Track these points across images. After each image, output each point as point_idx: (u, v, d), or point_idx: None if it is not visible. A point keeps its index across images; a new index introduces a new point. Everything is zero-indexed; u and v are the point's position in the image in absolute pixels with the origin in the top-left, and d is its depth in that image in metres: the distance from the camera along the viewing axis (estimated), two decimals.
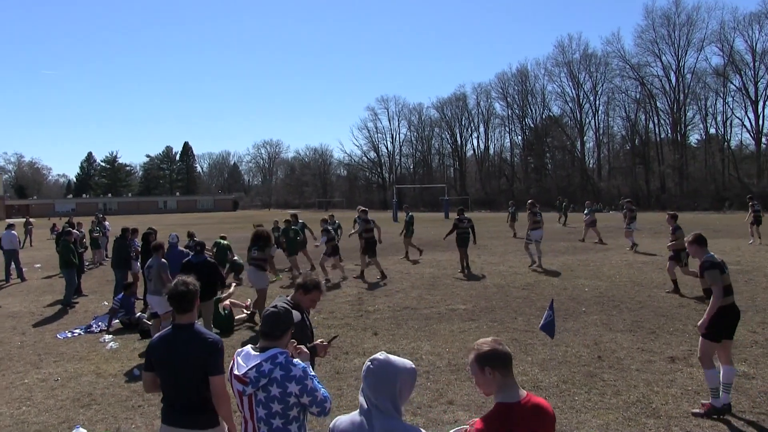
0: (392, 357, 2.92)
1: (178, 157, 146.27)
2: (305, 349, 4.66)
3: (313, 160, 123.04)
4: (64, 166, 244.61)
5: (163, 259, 10.76)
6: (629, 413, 6.60)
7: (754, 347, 9.14)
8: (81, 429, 6.57)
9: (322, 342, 4.93)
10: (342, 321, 11.87)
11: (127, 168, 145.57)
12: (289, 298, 5.04)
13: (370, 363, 2.88)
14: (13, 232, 20.54)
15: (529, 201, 20.40)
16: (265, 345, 3.65)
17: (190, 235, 17.73)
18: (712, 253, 7.02)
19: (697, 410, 6.58)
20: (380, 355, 2.92)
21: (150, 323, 11.46)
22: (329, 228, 17.57)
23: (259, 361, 3.52)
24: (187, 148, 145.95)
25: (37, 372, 9.29)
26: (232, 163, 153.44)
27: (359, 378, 8.08)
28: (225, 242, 17.82)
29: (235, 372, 3.55)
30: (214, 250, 17.14)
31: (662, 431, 6.15)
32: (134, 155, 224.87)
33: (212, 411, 4.20)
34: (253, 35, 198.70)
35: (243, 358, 3.60)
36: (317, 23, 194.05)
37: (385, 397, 2.82)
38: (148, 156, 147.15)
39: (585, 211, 28.99)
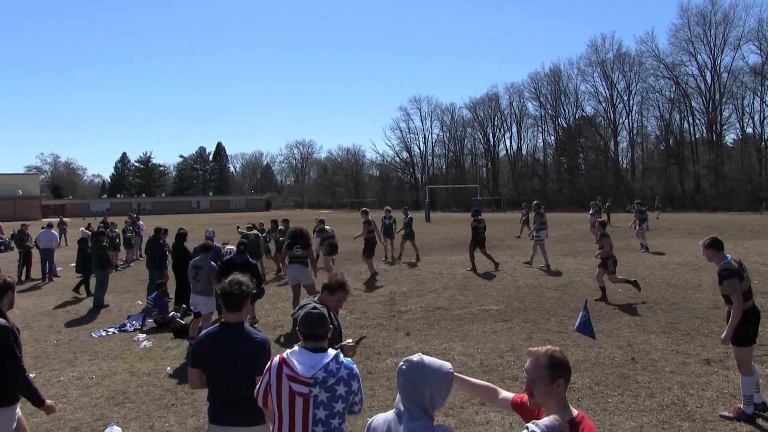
0: (427, 359, 2.79)
1: (211, 158, 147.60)
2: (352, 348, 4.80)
3: (345, 160, 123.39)
4: (99, 167, 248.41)
5: (212, 262, 10.90)
6: (663, 416, 6.57)
7: None
8: (115, 427, 6.67)
9: (350, 342, 5.00)
10: (374, 321, 11.93)
11: (161, 168, 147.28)
12: (315, 299, 5.13)
13: (403, 364, 2.79)
14: (52, 231, 20.80)
15: (535, 202, 20.87)
16: (315, 345, 3.63)
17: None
18: (729, 258, 6.82)
19: (727, 413, 6.53)
20: (415, 357, 2.80)
21: (183, 322, 11.66)
22: (325, 228, 17.42)
23: (327, 361, 3.51)
24: (220, 148, 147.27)
25: (73, 370, 9.45)
26: (264, 163, 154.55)
27: (391, 378, 8.18)
28: (253, 233, 18.29)
29: (299, 373, 3.47)
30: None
31: None
32: (168, 155, 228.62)
33: (258, 408, 4.11)
34: (286, 36, 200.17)
35: (301, 359, 3.54)
36: (350, 23, 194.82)
37: (415, 400, 2.71)
38: (181, 156, 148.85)
39: (590, 212, 29.12)
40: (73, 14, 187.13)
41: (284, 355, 3.62)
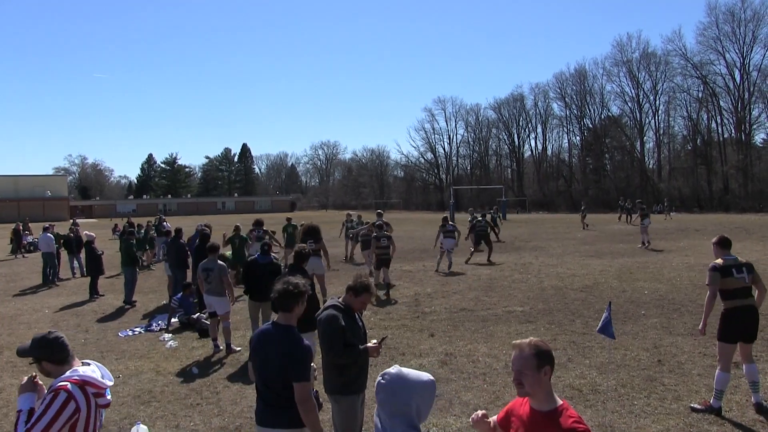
0: (406, 370, 2.69)
1: (236, 159, 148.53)
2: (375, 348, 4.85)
3: (370, 161, 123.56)
4: (126, 168, 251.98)
5: (221, 262, 10.94)
6: (691, 419, 6.52)
7: None
8: (141, 425, 6.65)
9: (374, 343, 5.04)
10: (398, 322, 11.95)
11: (187, 169, 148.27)
12: (340, 299, 5.15)
13: (381, 377, 2.69)
14: (49, 234, 20.64)
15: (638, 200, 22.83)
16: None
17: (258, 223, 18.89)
18: (734, 256, 7.09)
19: (696, 405, 6.79)
20: (392, 369, 2.69)
21: (208, 323, 11.68)
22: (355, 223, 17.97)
23: None
24: (245, 149, 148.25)
25: None
26: (289, 164, 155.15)
27: None
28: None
29: None
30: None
31: None
32: (193, 157, 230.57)
33: (296, 410, 4.12)
34: (311, 37, 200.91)
35: None
36: (374, 24, 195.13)
37: (400, 414, 2.61)
38: (207, 157, 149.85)
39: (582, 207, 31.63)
40: (90, 17, 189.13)
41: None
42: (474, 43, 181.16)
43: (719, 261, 7.04)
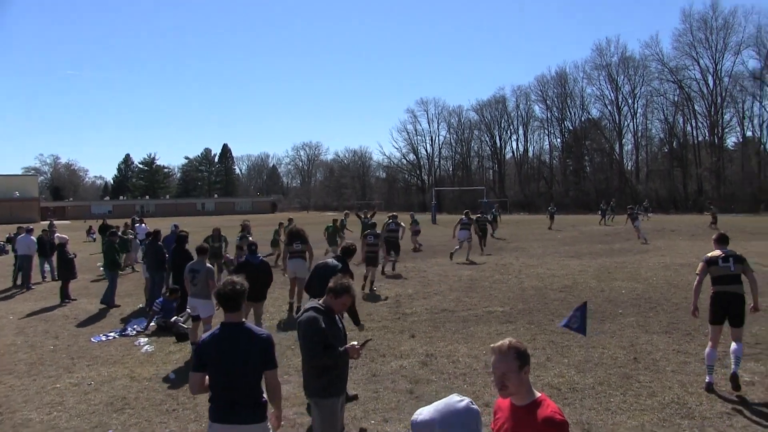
0: (426, 410, 2.52)
1: (216, 159, 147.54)
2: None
3: (352, 162, 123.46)
4: (102, 168, 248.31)
5: (209, 265, 10.88)
6: (664, 414, 6.72)
7: None
8: None
9: (355, 345, 5.07)
10: (379, 323, 12.01)
11: (165, 170, 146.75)
12: (321, 302, 5.16)
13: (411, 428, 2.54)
14: (30, 237, 19.73)
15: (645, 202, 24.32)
16: None
17: (244, 228, 18.66)
18: (730, 251, 7.90)
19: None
20: (418, 416, 2.52)
21: (186, 327, 11.48)
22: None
23: None
24: (225, 150, 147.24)
25: (70, 376, 9.17)
26: (270, 165, 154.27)
27: (396, 380, 8.33)
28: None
29: None
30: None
31: None
32: (172, 157, 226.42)
33: (263, 405, 4.39)
34: (292, 37, 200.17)
35: None
36: (356, 24, 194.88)
37: None
38: (186, 158, 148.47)
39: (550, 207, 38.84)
40: (71, 13, 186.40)
41: None
42: (457, 45, 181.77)
43: (710, 254, 7.94)
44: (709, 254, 7.95)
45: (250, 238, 15.90)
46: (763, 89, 69.48)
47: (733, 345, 7.57)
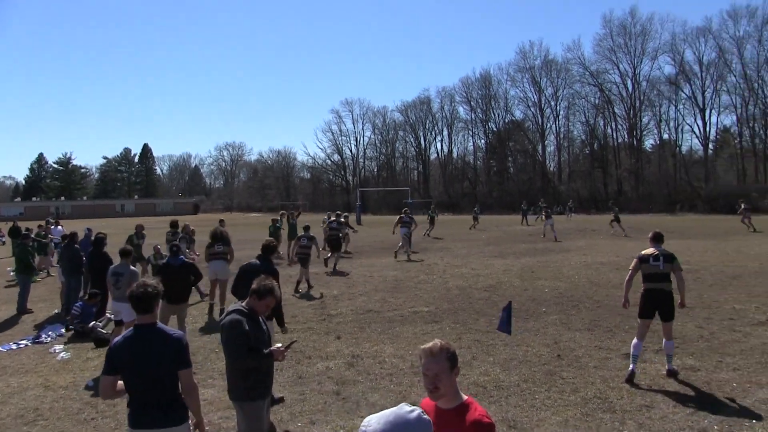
0: (382, 420, 2.38)
1: (137, 159, 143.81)
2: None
3: (276, 162, 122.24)
4: (12, 168, 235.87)
5: (133, 268, 10.53)
6: (587, 409, 6.82)
7: (700, 341, 9.64)
8: None
9: (279, 347, 4.99)
10: (304, 325, 11.86)
11: (83, 170, 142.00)
12: (243, 304, 5.08)
13: None
14: None
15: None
16: None
17: (173, 225, 18.32)
18: (662, 248, 8.40)
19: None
20: (366, 427, 2.38)
21: (105, 332, 11.15)
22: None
23: None
24: (146, 149, 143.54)
25: None
26: (193, 165, 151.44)
27: (322, 383, 8.20)
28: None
29: None
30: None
31: (617, 425, 6.38)
32: (90, 157, 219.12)
33: (182, 407, 4.33)
34: (215, 33, 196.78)
35: None
36: (281, 23, 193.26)
37: None
38: (105, 158, 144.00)
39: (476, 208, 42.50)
40: None
41: None
42: (382, 46, 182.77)
43: (644, 251, 8.39)
44: (643, 252, 8.37)
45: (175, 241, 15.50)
46: (678, 94, 72.66)
47: (665, 342, 8.07)
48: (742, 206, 32.48)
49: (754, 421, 6.37)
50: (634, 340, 8.09)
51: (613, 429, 6.29)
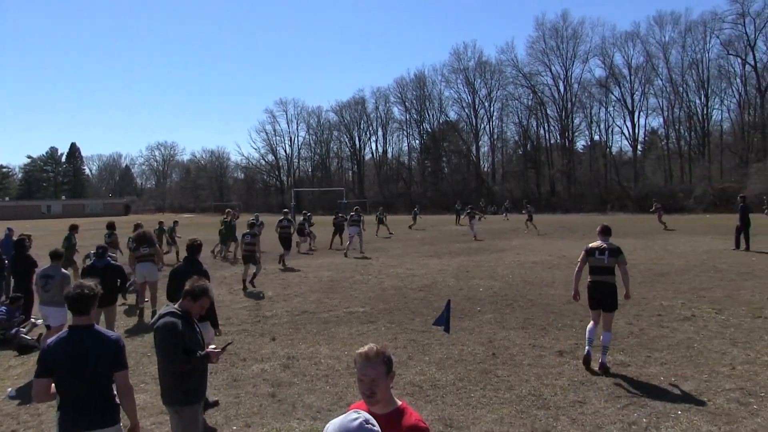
0: (330, 428, 2.42)
1: (64, 159, 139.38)
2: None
3: (209, 162, 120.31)
4: None
5: (64, 270, 10.16)
6: (521, 406, 6.89)
7: (630, 337, 9.87)
8: None
9: (215, 349, 4.90)
10: (239, 327, 11.67)
11: (5, 170, 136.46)
12: (176, 306, 5.00)
13: None
14: None
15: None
16: None
17: (110, 226, 17.74)
18: (609, 242, 8.68)
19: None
20: None
21: (29, 338, 10.74)
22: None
23: None
24: (74, 149, 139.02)
25: None
26: (123, 165, 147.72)
27: (257, 385, 8.06)
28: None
29: None
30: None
31: (551, 421, 6.46)
32: (13, 156, 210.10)
33: (115, 408, 4.29)
34: (146, 30, 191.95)
35: None
36: (215, 21, 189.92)
37: None
38: (29, 157, 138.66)
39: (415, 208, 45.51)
40: None
41: None
42: (316, 46, 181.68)
43: (591, 244, 8.71)
44: (591, 244, 8.70)
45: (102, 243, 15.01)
46: (608, 96, 75.22)
47: (603, 334, 8.35)
48: (655, 206, 34.99)
49: (680, 412, 6.56)
50: (589, 326, 8.55)
51: (547, 425, 6.37)
